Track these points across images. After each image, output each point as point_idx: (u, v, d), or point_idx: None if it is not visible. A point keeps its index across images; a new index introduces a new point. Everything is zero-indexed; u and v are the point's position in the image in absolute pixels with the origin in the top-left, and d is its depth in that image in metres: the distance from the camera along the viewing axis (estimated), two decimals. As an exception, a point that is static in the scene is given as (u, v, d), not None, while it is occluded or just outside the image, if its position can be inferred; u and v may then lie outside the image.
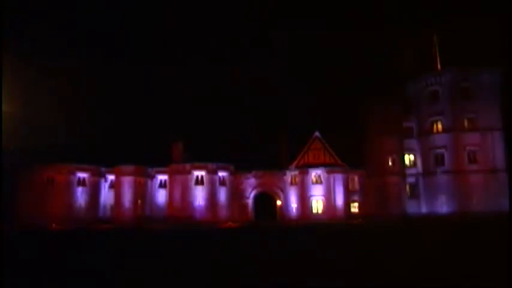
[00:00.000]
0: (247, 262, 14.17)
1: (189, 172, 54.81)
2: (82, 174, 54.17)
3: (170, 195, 54.95)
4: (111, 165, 55.32)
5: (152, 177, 56.56)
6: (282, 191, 57.37)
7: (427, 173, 54.57)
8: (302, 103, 75.65)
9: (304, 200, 55.08)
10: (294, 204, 55.75)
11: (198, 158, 55.52)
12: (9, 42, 54.78)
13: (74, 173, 53.61)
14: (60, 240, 27.33)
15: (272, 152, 61.23)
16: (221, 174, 55.43)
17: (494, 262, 12.62)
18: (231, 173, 56.58)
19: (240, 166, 57.09)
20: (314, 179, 55.33)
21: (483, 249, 16.17)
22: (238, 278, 10.94)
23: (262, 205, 57.80)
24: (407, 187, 55.94)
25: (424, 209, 54.55)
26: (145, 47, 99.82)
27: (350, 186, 56.64)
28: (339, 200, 54.65)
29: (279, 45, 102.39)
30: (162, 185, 56.45)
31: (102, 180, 56.23)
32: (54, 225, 45.61)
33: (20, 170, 52.81)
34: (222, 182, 55.44)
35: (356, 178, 57.17)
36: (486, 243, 18.59)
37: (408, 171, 56.06)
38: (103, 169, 56.16)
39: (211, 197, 54.30)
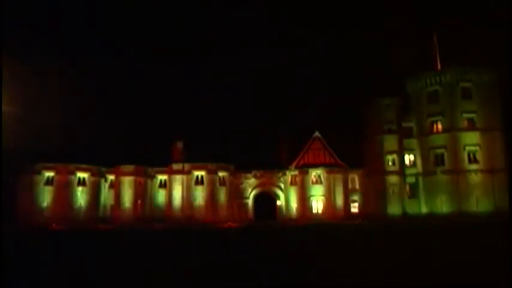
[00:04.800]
0: (247, 262, 14.19)
1: (189, 172, 54.82)
2: (82, 174, 54.11)
3: (170, 195, 54.97)
4: (111, 165, 55.32)
5: (152, 177, 56.53)
6: (282, 191, 57.36)
7: (427, 172, 54.54)
8: (302, 103, 75.69)
9: (304, 200, 55.09)
10: (294, 204, 55.75)
11: (198, 158, 55.49)
12: (9, 42, 54.74)
13: (74, 173, 53.56)
14: (60, 240, 27.35)
15: (272, 152, 61.24)
16: (221, 174, 55.43)
17: (494, 262, 12.64)
18: (231, 173, 56.56)
19: (240, 166, 57.09)
20: (314, 179, 55.37)
21: (483, 250, 16.20)
22: (238, 278, 10.96)
23: (262, 205, 57.78)
24: (407, 187, 55.99)
25: (423, 209, 54.56)
26: (145, 47, 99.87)
27: (350, 186, 56.67)
28: (339, 200, 54.71)
29: (280, 45, 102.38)
30: (162, 185, 56.43)
31: (102, 180, 56.20)
32: (54, 225, 45.60)
33: (20, 170, 52.79)
34: (222, 182, 55.43)
35: (356, 178, 57.22)
36: (486, 244, 18.62)
37: (408, 171, 56.10)
38: (103, 169, 56.14)
39: (211, 197, 54.31)
